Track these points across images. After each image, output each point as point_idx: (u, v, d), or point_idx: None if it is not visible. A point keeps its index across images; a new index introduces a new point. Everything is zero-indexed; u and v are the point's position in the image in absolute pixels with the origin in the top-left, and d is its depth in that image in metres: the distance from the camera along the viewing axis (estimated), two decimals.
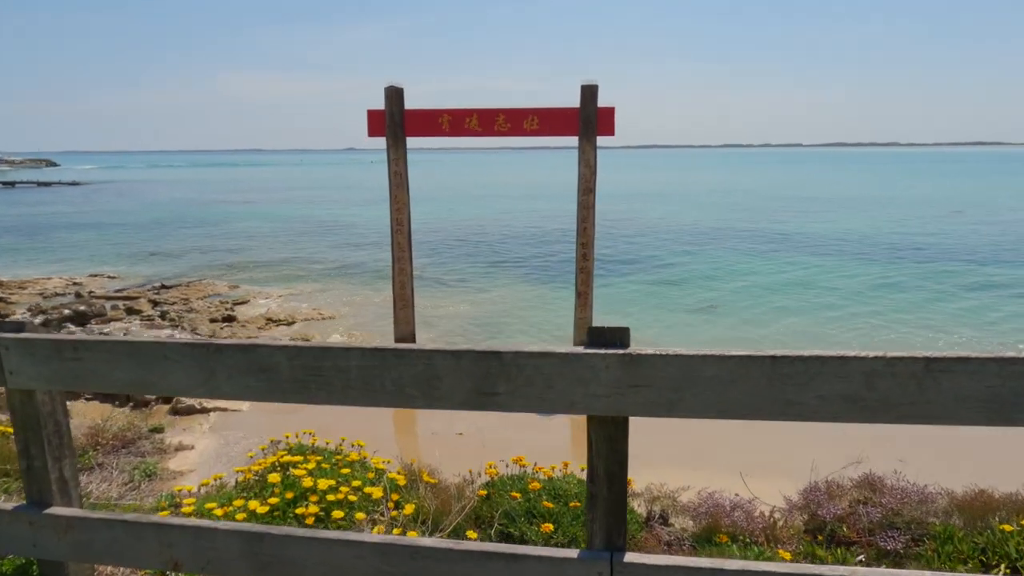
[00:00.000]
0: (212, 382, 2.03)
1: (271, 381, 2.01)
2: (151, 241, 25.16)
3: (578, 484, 3.34)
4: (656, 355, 1.82)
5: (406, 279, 11.02)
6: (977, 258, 19.85)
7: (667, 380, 1.82)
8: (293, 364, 1.99)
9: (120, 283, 17.22)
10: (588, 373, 1.85)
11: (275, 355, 1.99)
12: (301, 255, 21.63)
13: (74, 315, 12.83)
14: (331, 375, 1.97)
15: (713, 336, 12.20)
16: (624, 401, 1.86)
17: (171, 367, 2.04)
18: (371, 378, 1.95)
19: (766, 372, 1.77)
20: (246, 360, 2.00)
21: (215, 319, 13.31)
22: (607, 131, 10.36)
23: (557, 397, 1.88)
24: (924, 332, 12.27)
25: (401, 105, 10.59)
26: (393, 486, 3.20)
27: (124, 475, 3.95)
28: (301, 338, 12.08)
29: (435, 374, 1.92)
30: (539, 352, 1.87)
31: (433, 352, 1.91)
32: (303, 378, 1.99)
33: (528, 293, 15.88)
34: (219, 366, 2.02)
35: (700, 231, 26.86)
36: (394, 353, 1.93)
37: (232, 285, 16.89)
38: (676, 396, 1.83)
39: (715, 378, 1.80)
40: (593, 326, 1.90)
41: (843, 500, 3.24)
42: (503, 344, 1.94)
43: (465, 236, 25.96)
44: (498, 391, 1.90)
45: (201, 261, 20.53)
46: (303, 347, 1.99)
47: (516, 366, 1.88)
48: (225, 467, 4.50)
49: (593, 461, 1.97)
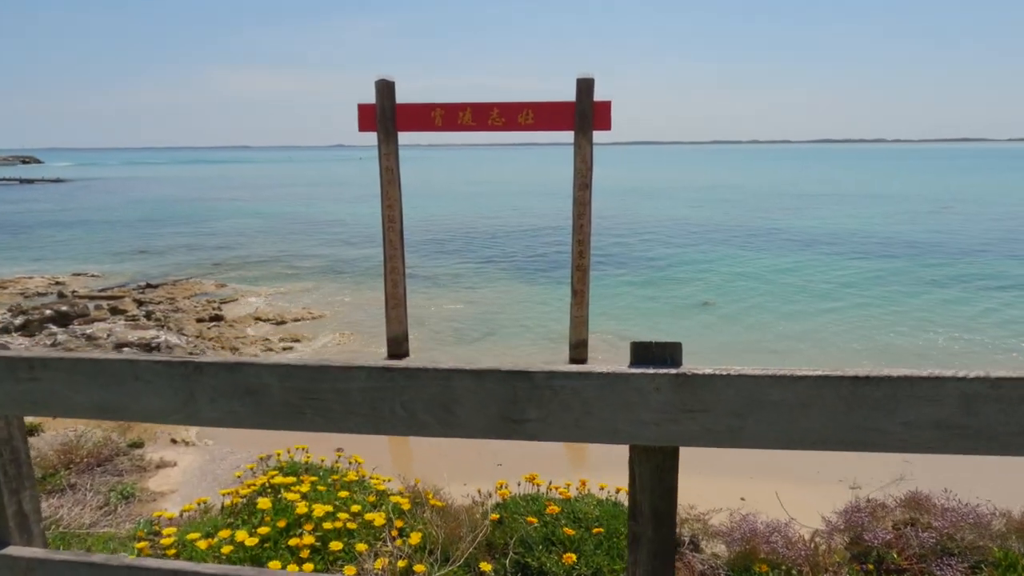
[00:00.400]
0: (191, 407, 1.74)
1: (260, 405, 1.72)
2: (136, 239, 24.70)
3: (598, 505, 3.08)
4: (715, 375, 1.55)
5: (398, 277, 10.73)
6: (970, 254, 19.77)
7: (727, 404, 1.56)
8: (286, 386, 1.70)
9: (104, 282, 16.81)
10: (634, 397, 1.58)
11: (264, 375, 1.70)
12: (290, 253, 21.26)
13: (56, 315, 12.44)
14: (330, 398, 1.69)
15: (713, 334, 11.98)
16: (676, 429, 1.59)
17: (143, 389, 1.75)
18: (378, 402, 1.67)
19: (844, 396, 1.51)
20: (231, 381, 1.71)
21: (202, 319, 12.97)
22: (603, 125, 10.14)
23: (597, 424, 1.61)
24: (923, 330, 12.10)
25: (392, 99, 10.30)
26: (396, 510, 2.91)
27: (99, 497, 3.62)
28: (290, 338, 11.76)
29: (453, 397, 1.64)
30: (577, 372, 1.60)
31: (451, 372, 1.63)
32: (297, 402, 1.70)
33: (523, 291, 15.61)
34: (199, 388, 1.72)
35: (692, 228, 26.69)
36: (404, 373, 1.64)
37: (219, 284, 16.52)
38: (737, 423, 1.56)
39: (783, 402, 1.53)
40: (639, 341, 1.63)
41: (886, 521, 2.99)
42: (533, 363, 1.65)
43: (458, 233, 25.65)
44: (528, 417, 1.62)
45: (188, 259, 20.12)
46: (297, 366, 1.70)
47: (549, 388, 1.60)
48: (210, 487, 4.17)
49: (637, 496, 1.70)
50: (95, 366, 1.76)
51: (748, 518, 2.98)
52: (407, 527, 2.82)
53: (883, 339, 11.50)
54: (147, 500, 3.91)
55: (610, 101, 10.17)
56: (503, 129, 10.33)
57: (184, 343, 10.50)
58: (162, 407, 1.75)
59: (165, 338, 10.28)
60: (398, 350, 10.88)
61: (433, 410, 1.65)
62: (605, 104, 10.09)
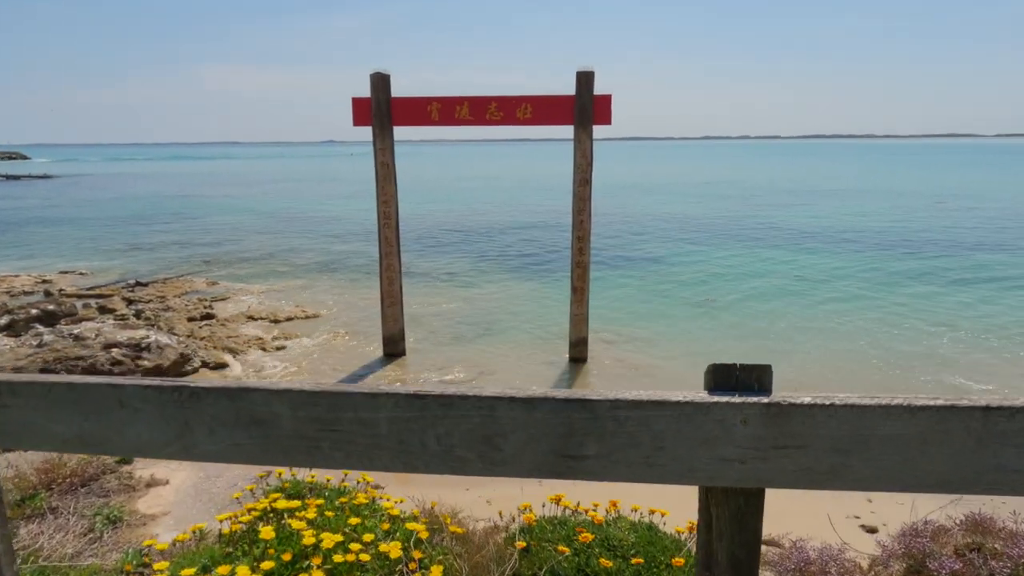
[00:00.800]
0: (187, 439, 1.48)
1: (268, 438, 1.46)
2: (125, 236, 24.28)
3: (631, 530, 2.83)
4: (815, 405, 1.31)
5: (394, 275, 10.47)
6: (967, 249, 19.66)
7: (828, 439, 1.31)
8: (299, 415, 1.44)
9: (93, 280, 16.45)
10: (717, 430, 1.34)
11: (274, 403, 1.44)
12: (282, 250, 20.91)
13: (43, 315, 12.10)
14: (352, 430, 1.43)
15: (715, 332, 11.76)
16: (765, 468, 1.34)
17: (130, 418, 1.48)
18: (408, 434, 1.41)
19: (974, 429, 1.27)
20: (234, 409, 1.45)
21: (193, 317, 12.67)
22: (603, 120, 9.94)
23: (670, 463, 1.36)
24: (925, 328, 11.93)
25: (388, 92, 10.03)
26: (413, 539, 2.65)
27: (84, 522, 3.30)
28: (284, 336, 11.46)
29: (498, 429, 1.39)
30: (647, 400, 1.34)
31: (496, 399, 1.38)
32: (313, 435, 1.45)
33: (521, 288, 15.35)
34: (196, 417, 1.46)
35: (687, 223, 26.50)
36: (440, 401, 1.39)
37: (211, 281, 16.19)
38: (840, 461, 1.32)
39: (898, 437, 1.29)
40: (720, 364, 1.38)
41: (948, 546, 2.76)
42: (594, 391, 1.39)
43: (454, 229, 25.35)
44: (586, 453, 1.37)
45: (178, 256, 19.74)
46: (313, 392, 1.44)
47: (613, 419, 1.35)
48: (205, 508, 3.87)
49: (712, 544, 1.45)
50: (73, 391, 1.50)
51: (799, 545, 2.75)
52: (426, 558, 2.55)
53: (889, 337, 11.32)
54: (136, 524, 3.59)
55: (610, 95, 9.97)
56: (501, 123, 10.11)
57: (175, 343, 10.20)
58: (152, 439, 1.49)
59: (155, 338, 9.98)
60: (394, 349, 10.63)
61: (474, 444, 1.40)
62: (605, 98, 9.88)
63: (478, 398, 1.37)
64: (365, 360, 10.43)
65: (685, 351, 10.69)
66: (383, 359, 10.48)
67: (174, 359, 9.77)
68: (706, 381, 1.43)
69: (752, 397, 1.33)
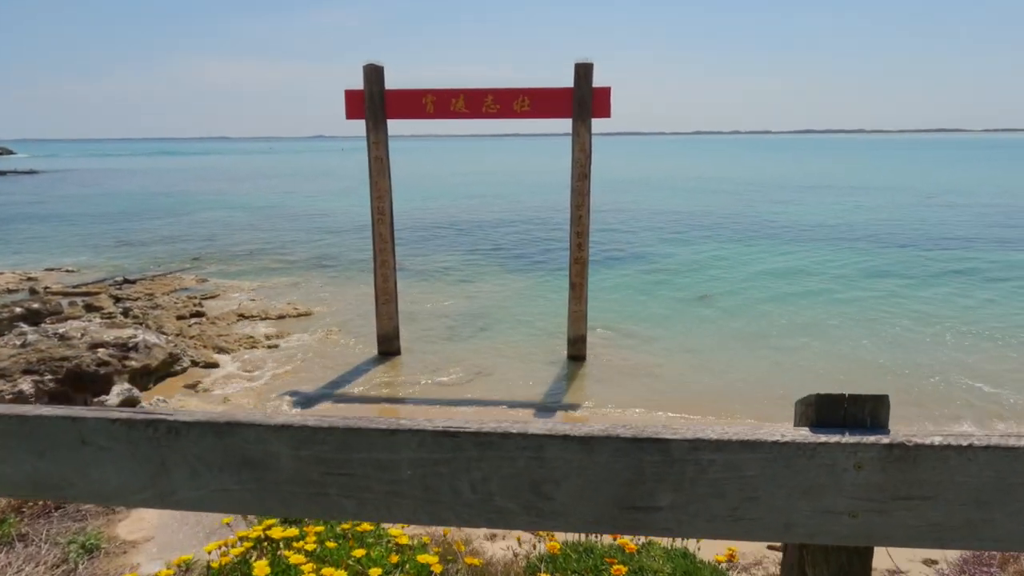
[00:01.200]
0: (163, 483, 1.22)
1: (263, 483, 1.21)
2: (113, 232, 23.86)
3: (667, 559, 2.60)
4: (948, 446, 1.07)
5: (389, 272, 10.21)
6: (962, 243, 19.55)
7: (964, 488, 1.07)
8: (301, 455, 1.18)
9: (79, 277, 16.10)
10: (823, 476, 1.09)
11: (271, 440, 1.18)
12: (274, 246, 20.56)
13: (27, 313, 11.77)
14: (367, 473, 1.18)
15: (714, 330, 11.56)
16: (881, 523, 1.10)
17: (93, 458, 1.22)
18: (435, 480, 1.16)
19: None
20: (221, 448, 1.19)
21: (182, 315, 12.38)
22: (603, 112, 9.73)
23: (763, 516, 1.12)
24: (927, 324, 11.78)
25: (381, 85, 9.76)
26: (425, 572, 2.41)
27: (56, 551, 2.97)
28: (276, 335, 11.16)
29: (548, 474, 1.13)
30: (736, 440, 1.10)
31: (546, 438, 1.13)
32: (318, 478, 1.19)
33: (517, 284, 15.10)
34: (175, 457, 1.20)
35: (685, 219, 26.31)
36: (476, 439, 1.14)
37: (201, 279, 15.87)
38: (979, 516, 1.08)
39: None
40: (825, 394, 1.13)
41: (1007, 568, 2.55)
42: (668, 427, 1.14)
43: (450, 225, 25.04)
44: (658, 504, 1.13)
45: (167, 253, 19.38)
46: (317, 427, 1.18)
47: (694, 463, 1.10)
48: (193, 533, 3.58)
49: None
50: (24, 424, 1.23)
51: None
52: None
53: (889, 333, 11.14)
54: (116, 552, 3.27)
55: (609, 87, 9.75)
56: (498, 116, 9.87)
57: (164, 342, 9.92)
58: (121, 484, 1.23)
59: (143, 337, 9.68)
60: (389, 347, 10.37)
61: (518, 493, 1.15)
62: (604, 90, 9.66)
63: (523, 436, 1.12)
64: (359, 359, 10.17)
65: (686, 349, 10.48)
66: (377, 358, 10.22)
67: (162, 359, 9.48)
68: (801, 414, 1.18)
69: (868, 436, 1.08)
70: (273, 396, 8.77)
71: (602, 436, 1.11)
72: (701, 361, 9.85)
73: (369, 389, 9.06)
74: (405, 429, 1.15)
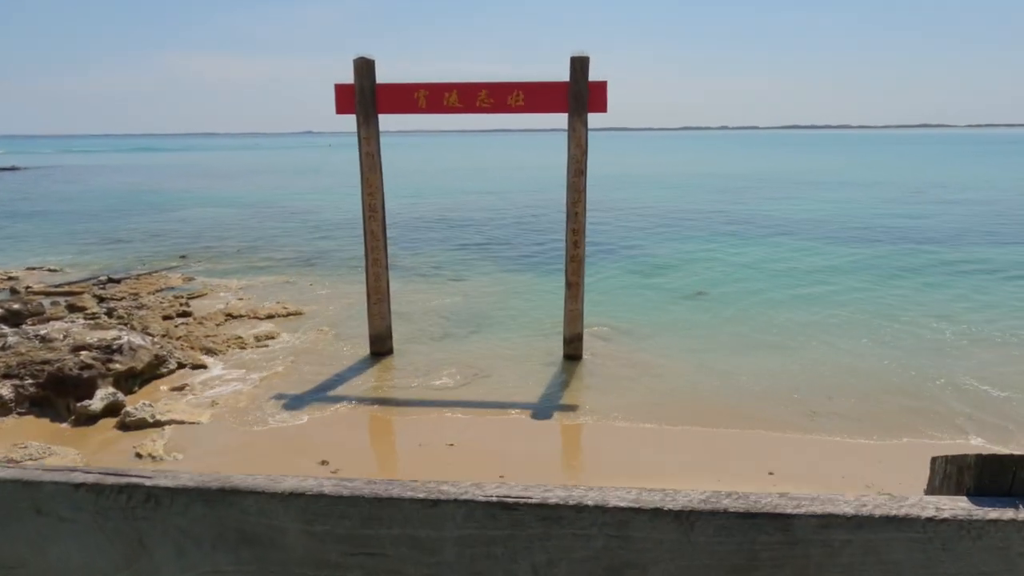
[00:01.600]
0: (141, 562, 0.98)
1: (266, 563, 0.97)
2: (97, 230, 23.45)
3: None
4: None
5: (381, 270, 9.99)
6: (953, 239, 19.54)
7: None
8: (315, 531, 0.95)
9: (62, 277, 15.76)
10: (990, 561, 0.86)
11: (275, 511, 0.95)
12: (262, 244, 20.24)
13: (7, 314, 11.46)
14: (399, 554, 0.94)
15: (712, 328, 11.42)
16: None
17: (54, 532, 0.99)
18: (488, 564, 0.93)
19: None
20: (214, 521, 0.96)
21: (168, 316, 12.09)
22: (599, 107, 9.56)
23: None
24: (924, 321, 11.69)
25: (372, 78, 9.53)
26: None
27: None
28: (266, 336, 10.89)
29: (633, 558, 0.90)
30: (878, 516, 0.87)
31: (631, 511, 0.90)
32: (337, 560, 0.95)
33: (512, 282, 14.89)
34: (155, 533, 0.97)
35: (673, 215, 26.18)
36: (540, 513, 0.91)
37: (187, 277, 15.56)
38: None
39: None
40: (984, 455, 0.90)
41: None
42: (787, 496, 0.91)
43: (442, 222, 24.77)
44: None
45: (153, 252, 19.02)
46: (337, 495, 0.95)
47: (823, 545, 0.88)
48: None
49: None
50: None
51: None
52: None
53: (892, 334, 11.04)
54: None
55: (606, 81, 9.58)
56: (491, 111, 9.69)
57: (149, 343, 9.64)
58: (86, 564, 0.99)
59: (128, 338, 9.40)
60: (381, 348, 10.14)
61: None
62: (601, 84, 9.48)
63: (602, 509, 0.89)
64: (351, 360, 9.95)
65: (683, 348, 10.31)
66: (370, 358, 10.01)
67: (148, 361, 9.22)
68: (946, 477, 0.95)
69: None
70: (263, 399, 8.53)
71: (704, 510, 0.88)
72: (702, 361, 9.66)
73: (362, 391, 8.84)
74: (450, 499, 0.92)
